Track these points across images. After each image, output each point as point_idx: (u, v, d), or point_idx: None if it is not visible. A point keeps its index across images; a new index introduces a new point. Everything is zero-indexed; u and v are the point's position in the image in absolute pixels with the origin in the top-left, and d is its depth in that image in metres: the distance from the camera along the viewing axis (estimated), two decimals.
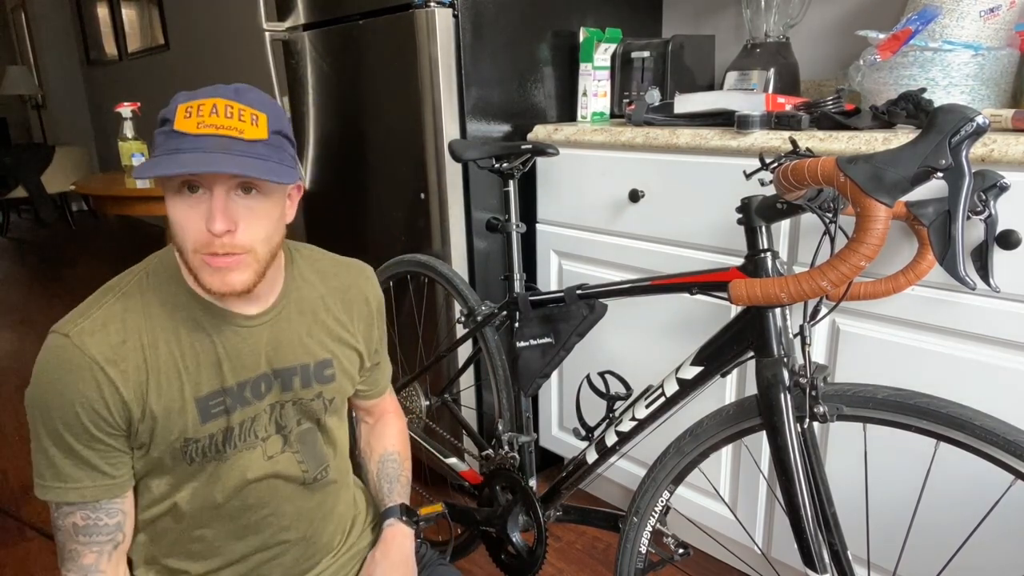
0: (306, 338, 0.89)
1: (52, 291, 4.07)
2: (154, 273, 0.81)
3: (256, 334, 0.84)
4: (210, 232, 0.72)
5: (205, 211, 0.73)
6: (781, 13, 1.49)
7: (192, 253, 0.75)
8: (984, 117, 0.63)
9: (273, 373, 0.86)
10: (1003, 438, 0.73)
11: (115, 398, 0.76)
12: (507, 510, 1.28)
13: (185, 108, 0.72)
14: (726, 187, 1.23)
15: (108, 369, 0.75)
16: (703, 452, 0.99)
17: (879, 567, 1.18)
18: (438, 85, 1.47)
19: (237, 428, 0.84)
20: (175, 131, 0.72)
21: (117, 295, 0.79)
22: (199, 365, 0.80)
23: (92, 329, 0.75)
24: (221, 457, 0.84)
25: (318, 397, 0.91)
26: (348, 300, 0.95)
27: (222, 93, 0.73)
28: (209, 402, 0.81)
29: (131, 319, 0.78)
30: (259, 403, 0.86)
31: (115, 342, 0.76)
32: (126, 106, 2.89)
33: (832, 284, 0.73)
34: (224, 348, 0.82)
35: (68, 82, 7.00)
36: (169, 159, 0.70)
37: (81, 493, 0.77)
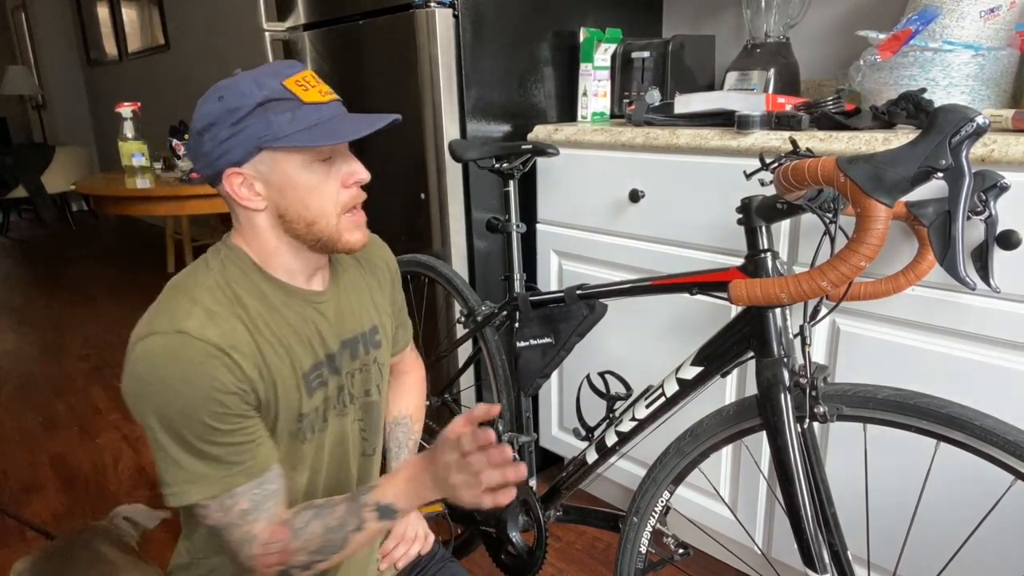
0: (357, 307, 0.93)
1: (52, 291, 4.07)
2: (229, 267, 0.81)
3: (326, 309, 0.87)
4: (355, 184, 0.81)
5: (337, 174, 0.80)
6: (781, 13, 1.49)
7: (336, 217, 0.80)
8: (984, 117, 0.63)
9: (343, 344, 0.90)
10: (1003, 438, 0.73)
11: (245, 379, 0.76)
12: (507, 510, 1.28)
13: (294, 82, 0.76)
14: (726, 187, 1.23)
15: (232, 354, 0.75)
16: (703, 452, 1.00)
17: (879, 567, 1.18)
18: (438, 85, 1.47)
19: (333, 397, 0.88)
20: (308, 103, 0.76)
21: (202, 290, 0.78)
22: (300, 341, 0.83)
23: (203, 321, 0.75)
24: (323, 428, 0.87)
25: (374, 363, 0.95)
26: (373, 267, 1.00)
27: (298, 65, 0.79)
28: (311, 375, 0.84)
29: (227, 311, 0.78)
30: (343, 372, 0.90)
31: (227, 329, 0.76)
32: (126, 106, 2.89)
33: (832, 284, 0.73)
34: (311, 324, 0.85)
35: (68, 82, 7.00)
36: (335, 125, 0.76)
37: (248, 472, 0.77)
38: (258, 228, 0.81)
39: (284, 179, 0.77)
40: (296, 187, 0.78)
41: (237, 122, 0.75)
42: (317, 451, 0.88)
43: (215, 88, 0.77)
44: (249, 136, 0.75)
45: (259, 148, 0.75)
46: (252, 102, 0.74)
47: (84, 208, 6.96)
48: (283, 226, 0.80)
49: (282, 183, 0.77)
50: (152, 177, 2.78)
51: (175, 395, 0.73)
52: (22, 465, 2.10)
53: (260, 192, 0.78)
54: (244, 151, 0.76)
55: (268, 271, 0.82)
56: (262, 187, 0.78)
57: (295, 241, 0.82)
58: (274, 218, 0.80)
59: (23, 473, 2.05)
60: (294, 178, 0.77)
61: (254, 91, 0.74)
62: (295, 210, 0.78)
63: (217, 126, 0.75)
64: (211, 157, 0.77)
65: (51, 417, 2.42)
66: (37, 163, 5.69)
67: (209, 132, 0.76)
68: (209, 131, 0.76)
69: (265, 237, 0.81)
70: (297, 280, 0.85)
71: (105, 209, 2.56)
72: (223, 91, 0.76)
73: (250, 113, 0.74)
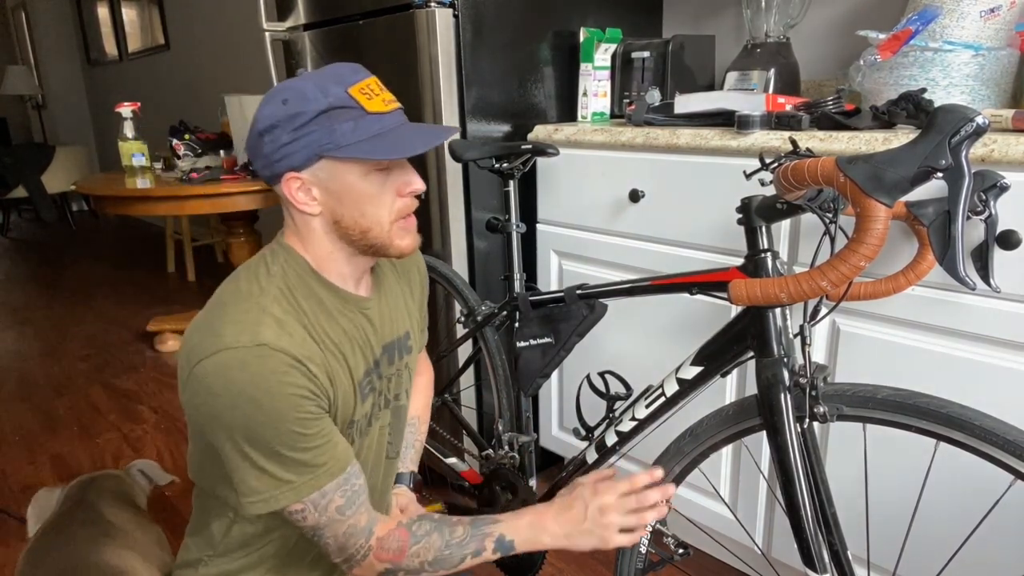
0: (395, 313, 0.94)
1: (52, 291, 4.07)
2: (289, 273, 0.81)
3: (373, 315, 0.89)
4: (411, 193, 0.82)
5: (393, 184, 0.80)
6: (781, 13, 1.49)
7: (390, 224, 0.81)
8: (984, 117, 0.63)
9: (383, 349, 0.91)
10: (1003, 438, 0.73)
11: (320, 388, 0.77)
12: (507, 510, 1.28)
13: (359, 90, 0.76)
14: (726, 187, 1.23)
15: (309, 365, 0.76)
16: (703, 452, 0.99)
17: (879, 567, 1.18)
18: (438, 85, 1.47)
19: (380, 402, 0.90)
20: (372, 113, 0.76)
21: (268, 298, 0.77)
22: (352, 349, 0.84)
23: (278, 333, 0.75)
24: (368, 432, 0.89)
25: (406, 368, 0.96)
26: (407, 272, 1.01)
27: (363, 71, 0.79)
28: (363, 382, 0.86)
29: (293, 319, 0.78)
30: (383, 380, 0.91)
31: (299, 340, 0.76)
32: (126, 106, 2.89)
33: (832, 284, 0.73)
34: (361, 330, 0.86)
35: (68, 82, 7.00)
36: (396, 138, 0.76)
37: (331, 471, 0.78)
38: (314, 232, 0.81)
39: (342, 187, 0.78)
40: (353, 195, 0.78)
41: (299, 127, 0.74)
42: (358, 454, 0.88)
43: (279, 89, 0.76)
44: (310, 143, 0.75)
45: (320, 156, 0.76)
46: (316, 108, 0.74)
47: (84, 208, 6.96)
48: (337, 231, 0.81)
49: (340, 191, 0.78)
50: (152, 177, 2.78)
51: (259, 408, 0.72)
52: (22, 465, 2.10)
53: (317, 197, 0.78)
54: (304, 157, 0.75)
55: (323, 275, 0.83)
56: (319, 193, 0.78)
57: (348, 246, 0.82)
58: (329, 223, 0.80)
59: (23, 473, 2.05)
60: (352, 186, 0.78)
61: (318, 97, 0.74)
62: (351, 217, 0.79)
63: (279, 129, 0.75)
64: (271, 159, 0.77)
65: (51, 417, 2.42)
66: (37, 163, 5.69)
67: (271, 134, 0.76)
68: (271, 133, 0.75)
69: (319, 241, 0.81)
70: (348, 285, 0.85)
71: (105, 209, 2.55)
72: (287, 94, 0.75)
73: (313, 120, 0.74)
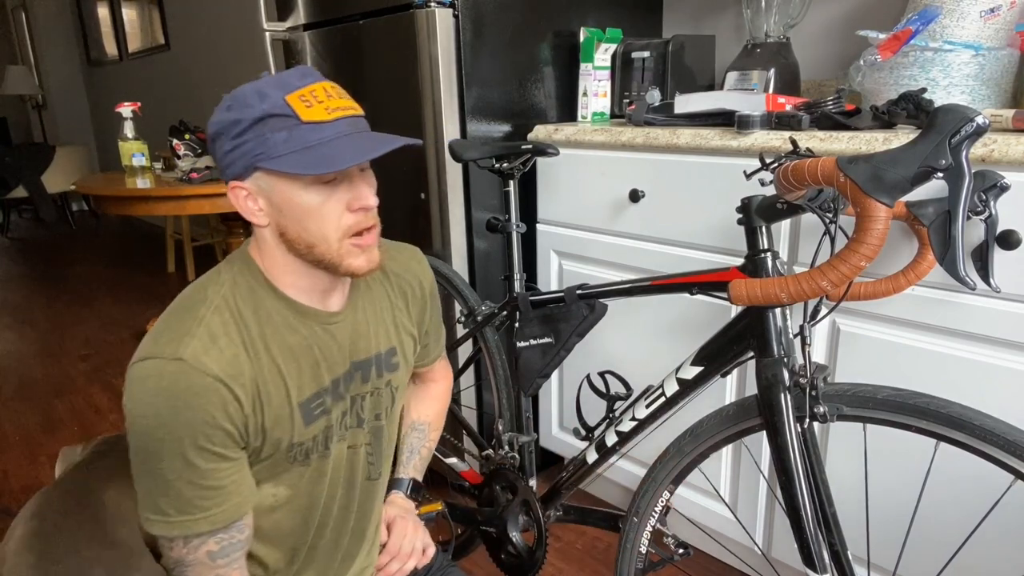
0: (378, 327, 0.90)
1: (52, 291, 4.07)
2: (240, 282, 0.78)
3: (341, 330, 0.84)
4: (362, 209, 0.75)
5: (342, 196, 0.74)
6: (781, 13, 1.49)
7: (337, 242, 0.75)
8: (984, 117, 0.63)
9: (354, 366, 0.86)
10: (1003, 438, 0.74)
11: (239, 414, 0.73)
12: (507, 510, 1.28)
13: (298, 96, 0.71)
14: (726, 187, 1.23)
15: (232, 385, 0.72)
16: (703, 452, 1.00)
17: (879, 567, 1.18)
18: (438, 85, 1.47)
19: (336, 424, 0.85)
20: (307, 123, 0.70)
21: (210, 309, 0.75)
22: (300, 369, 0.79)
23: (204, 347, 0.71)
24: (326, 454, 0.85)
25: (387, 386, 0.92)
26: (403, 285, 0.95)
27: (312, 76, 0.73)
28: (311, 404, 0.81)
29: (232, 332, 0.74)
30: (348, 397, 0.87)
31: (228, 357, 0.73)
32: (126, 106, 2.89)
33: (832, 284, 0.73)
34: (319, 348, 0.81)
35: (68, 82, 7.00)
36: (331, 150, 0.70)
37: (212, 520, 0.74)
38: (266, 242, 0.78)
39: (282, 199, 0.73)
40: (295, 209, 0.73)
41: (237, 135, 0.71)
42: (318, 477, 0.85)
43: (229, 94, 0.74)
44: (246, 152, 0.71)
45: (255, 167, 0.72)
46: (251, 116, 0.70)
47: (84, 208, 6.96)
48: (285, 244, 0.77)
49: (281, 203, 0.74)
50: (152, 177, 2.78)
51: (160, 423, 0.69)
52: (22, 465, 2.10)
53: (263, 207, 0.75)
54: (242, 167, 0.73)
55: (279, 288, 0.79)
56: (264, 203, 0.75)
57: (298, 259, 0.78)
58: (276, 235, 0.77)
59: (23, 473, 2.05)
60: (292, 199, 0.73)
61: (255, 103, 0.70)
62: (294, 230, 0.75)
63: (223, 136, 0.72)
64: (221, 166, 0.75)
65: (51, 417, 2.42)
66: (37, 163, 5.69)
67: (217, 142, 0.74)
68: (217, 140, 0.74)
69: (272, 252, 0.78)
70: (311, 299, 0.81)
71: (105, 209, 2.55)
72: (232, 99, 0.72)
73: (249, 128, 0.71)
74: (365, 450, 0.91)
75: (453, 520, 1.33)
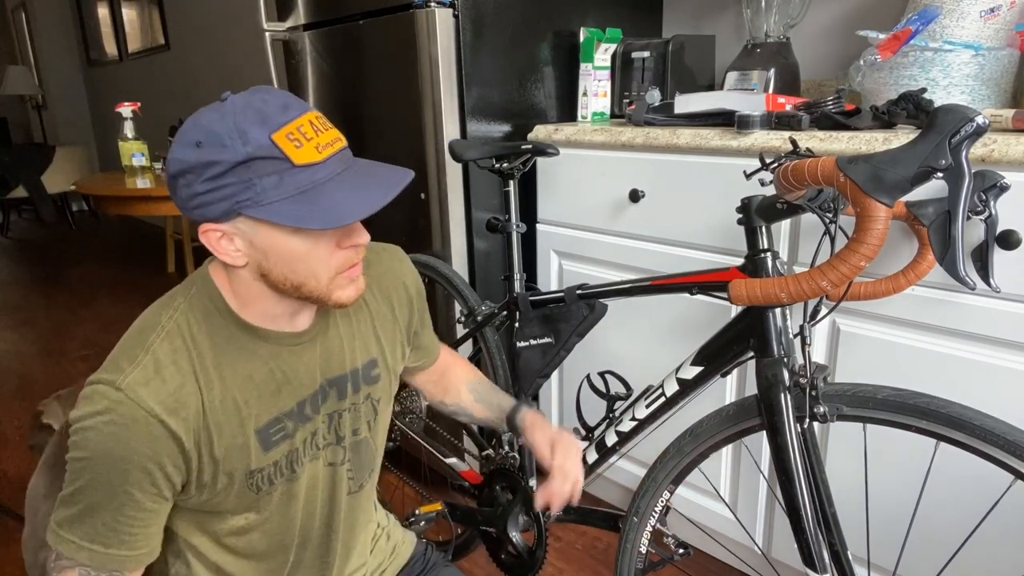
0: (353, 341, 0.86)
1: (52, 291, 4.07)
2: (195, 307, 0.74)
3: (309, 349, 0.80)
4: (355, 247, 0.72)
5: (333, 235, 0.70)
6: (781, 13, 1.49)
7: (329, 280, 0.72)
8: (984, 117, 0.63)
9: (327, 384, 0.83)
10: (1003, 438, 0.74)
11: (173, 451, 0.70)
12: (507, 510, 1.28)
13: (285, 136, 0.65)
14: (726, 187, 1.23)
15: (169, 421, 0.68)
16: (703, 452, 1.00)
17: (879, 567, 1.18)
18: (438, 85, 1.47)
19: (301, 447, 0.81)
20: (299, 166, 0.65)
21: (161, 335, 0.71)
22: (259, 396, 0.76)
23: (146, 378, 0.68)
24: (293, 477, 0.81)
25: (367, 399, 0.88)
26: (385, 288, 0.90)
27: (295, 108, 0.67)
28: (270, 431, 0.77)
29: (183, 360, 0.71)
30: (317, 416, 0.83)
31: (172, 388, 0.69)
32: (126, 106, 2.90)
33: (832, 284, 0.73)
34: (282, 372, 0.78)
35: (68, 82, 7.00)
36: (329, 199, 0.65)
37: (92, 556, 0.71)
38: (239, 276, 0.73)
39: (268, 244, 0.68)
40: (282, 253, 0.68)
41: (215, 178, 0.64)
42: (288, 500, 0.82)
43: (192, 126, 0.66)
44: (227, 196, 0.65)
45: (238, 213, 0.66)
46: (232, 159, 0.64)
47: (84, 208, 6.96)
48: (266, 283, 0.72)
49: (266, 247, 0.68)
50: (152, 177, 2.78)
51: (88, 447, 0.67)
52: (22, 464, 2.10)
53: (241, 249, 0.69)
54: (221, 211, 0.66)
55: (239, 314, 0.75)
56: (243, 244, 0.69)
57: (278, 294, 0.73)
58: (256, 274, 0.72)
59: (24, 473, 2.05)
60: (279, 244, 0.68)
61: (236, 146, 0.63)
62: (280, 272, 0.70)
63: (192, 175, 0.65)
64: (187, 205, 0.68)
65: None
66: (37, 163, 5.69)
67: (183, 179, 0.66)
68: (183, 178, 0.66)
69: (246, 284, 0.73)
70: (277, 323, 0.77)
71: (105, 209, 2.55)
72: (201, 135, 0.65)
73: (230, 171, 0.64)
74: (345, 467, 0.88)
75: (453, 520, 1.33)
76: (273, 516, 0.82)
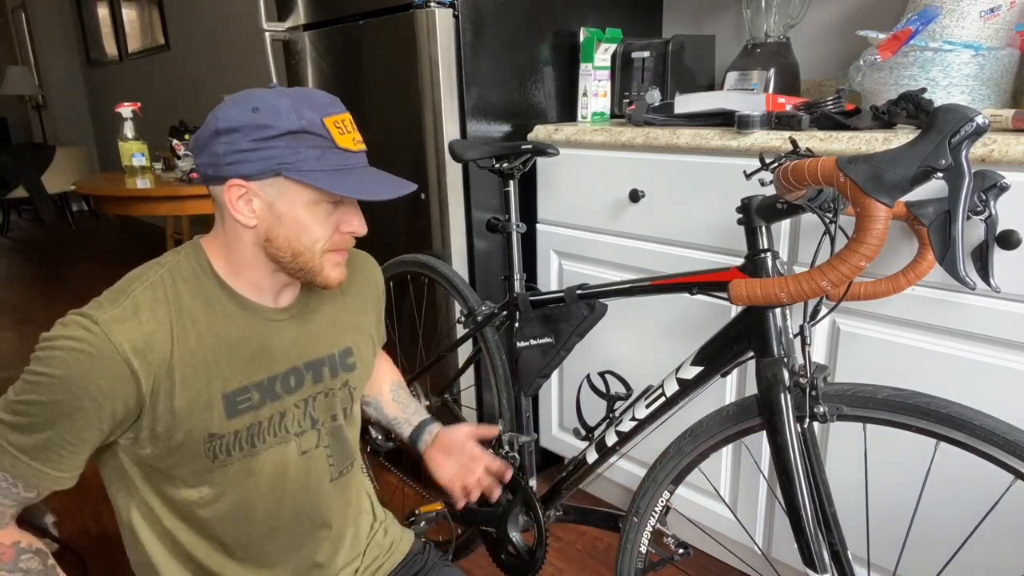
0: (331, 327, 0.91)
1: (52, 291, 4.07)
2: (183, 267, 0.80)
3: (286, 328, 0.85)
4: (351, 233, 0.82)
5: (338, 218, 0.80)
6: (781, 13, 1.49)
7: (321, 253, 0.80)
8: (984, 117, 0.63)
9: (304, 366, 0.87)
10: (1003, 438, 0.73)
11: (130, 392, 0.73)
12: (507, 510, 1.28)
13: (332, 123, 0.76)
14: (726, 187, 1.23)
15: (133, 360, 0.72)
16: (703, 452, 0.99)
17: (879, 567, 1.18)
18: (438, 85, 1.47)
19: (266, 423, 0.84)
20: (340, 148, 0.77)
21: (145, 284, 0.77)
22: (231, 359, 0.80)
23: (123, 316, 0.73)
24: (252, 453, 0.83)
25: (344, 386, 0.93)
26: (360, 287, 0.98)
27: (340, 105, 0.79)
28: (237, 397, 0.81)
29: (160, 309, 0.76)
30: (288, 398, 0.86)
31: (145, 331, 0.73)
32: (126, 106, 2.89)
33: (832, 284, 0.73)
34: (257, 343, 0.82)
35: (68, 82, 7.00)
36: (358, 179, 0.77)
37: (15, 464, 0.74)
38: (241, 241, 0.79)
39: (287, 209, 0.77)
40: (296, 220, 0.77)
41: (264, 139, 0.73)
42: (245, 476, 0.83)
43: (251, 96, 0.75)
44: (270, 156, 0.74)
45: (277, 173, 0.75)
46: (286, 127, 0.73)
47: (84, 208, 6.96)
48: (267, 248, 0.79)
49: (283, 211, 0.77)
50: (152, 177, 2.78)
51: (47, 365, 0.71)
52: None
53: (256, 210, 0.77)
54: (259, 168, 0.74)
55: (228, 282, 0.81)
56: (260, 207, 0.77)
57: (273, 264, 0.80)
58: (260, 238, 0.78)
59: None
60: (297, 211, 0.77)
61: (292, 117, 0.74)
62: (285, 238, 0.78)
63: (240, 134, 0.74)
64: (221, 160, 0.75)
65: None
66: (37, 163, 5.69)
67: (229, 136, 0.74)
68: (230, 135, 0.74)
69: (244, 250, 0.80)
70: (261, 295, 0.83)
71: (105, 209, 2.55)
72: (261, 103, 0.74)
73: (280, 136, 0.73)
74: (325, 452, 0.91)
75: (453, 520, 1.33)
76: (228, 495, 0.83)
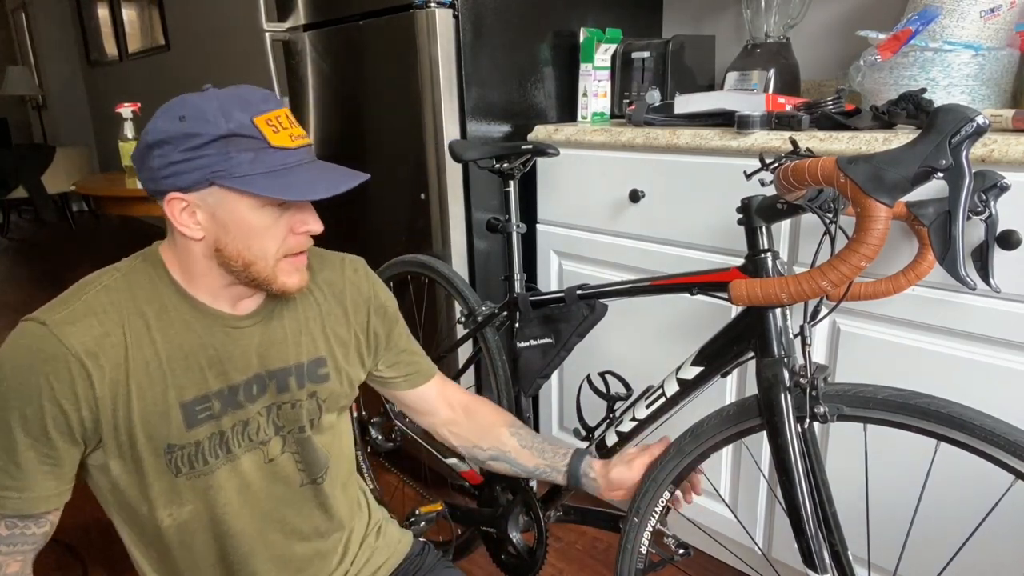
0: (300, 336, 0.87)
1: (52, 291, 4.05)
2: (140, 271, 0.78)
3: (248, 335, 0.82)
4: (305, 233, 0.78)
5: (289, 219, 0.77)
6: (781, 13, 1.49)
7: (276, 260, 0.77)
8: (984, 117, 0.63)
9: (268, 374, 0.84)
10: (1003, 438, 0.73)
11: (87, 394, 0.72)
12: (507, 510, 1.28)
13: (264, 121, 0.72)
14: (726, 187, 1.23)
15: (87, 362, 0.71)
16: (703, 452, 0.99)
17: (879, 567, 1.18)
18: (438, 85, 1.47)
19: (229, 432, 0.82)
20: (275, 147, 0.72)
21: (99, 288, 0.75)
22: (187, 368, 0.78)
23: (73, 319, 0.71)
24: (216, 465, 0.81)
25: (311, 397, 0.89)
26: (338, 293, 0.93)
27: (274, 101, 0.74)
28: (195, 407, 0.78)
29: (113, 313, 0.74)
30: (252, 406, 0.83)
31: (97, 334, 0.72)
32: (126, 107, 2.89)
33: (832, 284, 0.73)
34: (215, 350, 0.80)
35: (68, 82, 7.00)
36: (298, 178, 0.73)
37: (3, 503, 0.72)
38: (191, 252, 0.77)
39: (231, 217, 0.73)
40: (242, 227, 0.74)
41: (194, 148, 0.70)
42: (211, 489, 0.81)
43: (179, 103, 0.72)
44: (203, 166, 0.71)
45: (211, 182, 0.71)
46: (214, 132, 0.70)
47: (84, 208, 6.96)
48: (218, 259, 0.76)
49: (228, 220, 0.74)
50: None
51: (4, 382, 0.70)
52: None
53: (201, 222, 0.74)
54: (193, 180, 0.71)
55: (186, 288, 0.79)
56: (204, 218, 0.74)
57: (227, 275, 0.78)
58: (210, 249, 0.76)
59: None
60: (242, 218, 0.73)
61: (219, 121, 0.70)
62: (235, 248, 0.75)
63: (170, 146, 0.71)
64: (157, 174, 0.72)
65: None
66: (37, 163, 5.69)
67: (160, 149, 0.71)
68: (160, 148, 0.71)
69: (195, 261, 0.77)
70: (219, 303, 0.80)
71: (105, 209, 2.55)
72: (186, 110, 0.71)
73: (210, 143, 0.70)
74: (293, 458, 0.88)
75: (453, 520, 1.33)
76: (202, 513, 0.82)
